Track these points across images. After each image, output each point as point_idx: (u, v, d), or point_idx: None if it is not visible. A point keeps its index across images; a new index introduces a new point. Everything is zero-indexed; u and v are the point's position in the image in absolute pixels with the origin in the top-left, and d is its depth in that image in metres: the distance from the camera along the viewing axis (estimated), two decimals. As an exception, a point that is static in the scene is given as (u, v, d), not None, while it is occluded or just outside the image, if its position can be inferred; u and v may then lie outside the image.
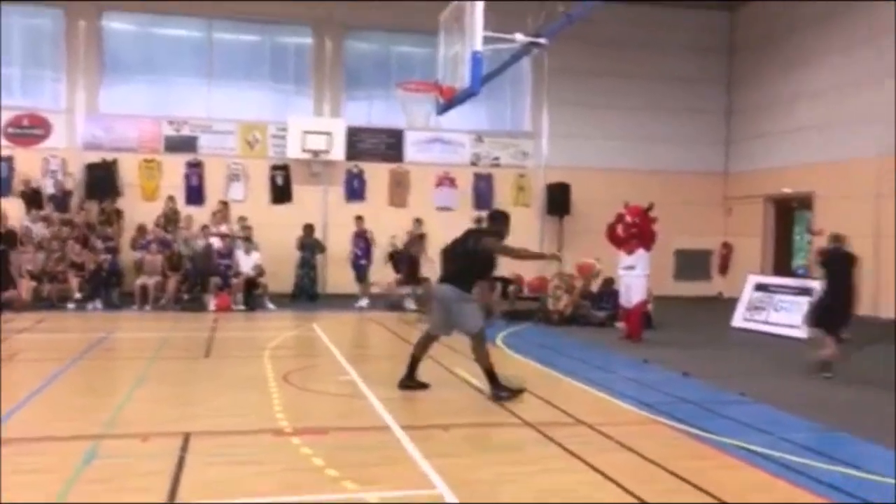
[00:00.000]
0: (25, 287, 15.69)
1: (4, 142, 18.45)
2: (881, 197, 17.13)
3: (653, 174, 21.14)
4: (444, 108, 10.18)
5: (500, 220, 8.95)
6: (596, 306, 15.70)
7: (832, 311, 10.26)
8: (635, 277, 13.27)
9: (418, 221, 18.42)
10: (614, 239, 13.56)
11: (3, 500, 4.94)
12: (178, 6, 19.28)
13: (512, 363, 10.91)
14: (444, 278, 8.89)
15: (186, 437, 6.38)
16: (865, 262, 17.04)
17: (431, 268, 16.38)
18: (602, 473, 5.72)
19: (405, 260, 17.42)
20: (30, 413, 7.33)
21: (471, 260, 8.60)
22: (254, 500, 5.09)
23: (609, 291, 15.57)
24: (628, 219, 13.37)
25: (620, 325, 13.97)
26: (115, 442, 6.33)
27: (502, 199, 20.99)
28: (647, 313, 14.87)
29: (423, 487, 5.37)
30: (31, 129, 18.67)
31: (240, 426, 6.95)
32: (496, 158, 21.26)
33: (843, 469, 5.95)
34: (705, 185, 22.31)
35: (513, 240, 17.99)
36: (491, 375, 8.41)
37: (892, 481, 5.64)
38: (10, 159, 18.37)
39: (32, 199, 17.68)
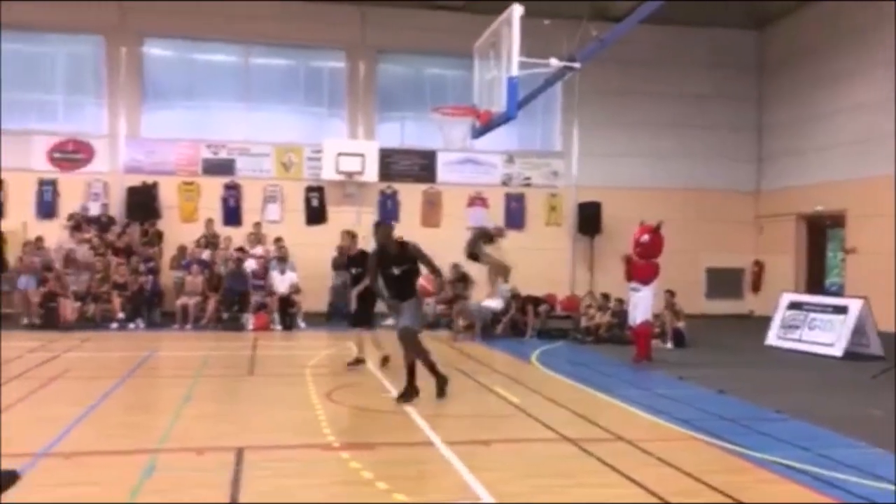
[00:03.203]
0: (70, 307, 16.12)
1: (49, 166, 19.00)
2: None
3: (683, 192, 21.25)
4: (480, 132, 10.41)
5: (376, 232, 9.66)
6: (627, 326, 15.79)
7: None
8: (640, 298, 13.17)
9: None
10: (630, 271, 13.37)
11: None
12: (216, 32, 19.81)
13: (547, 381, 11.09)
14: None
15: (239, 452, 6.63)
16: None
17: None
18: (643, 487, 5.88)
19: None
20: (88, 428, 7.62)
21: None
22: (309, 511, 5.33)
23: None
24: (637, 237, 13.27)
25: (656, 342, 14.00)
26: (171, 456, 6.60)
27: (533, 218, 21.20)
28: (677, 331, 14.98)
29: (469, 499, 5.57)
30: (74, 154, 19.22)
31: (290, 441, 7.20)
32: (527, 178, 21.47)
33: (883, 485, 6.04)
34: (736, 202, 22.33)
35: (544, 259, 18.09)
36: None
37: (931, 496, 5.74)
38: (54, 183, 18.92)
39: (78, 222, 18.15)
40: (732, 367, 12.83)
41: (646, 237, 13.11)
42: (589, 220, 20.97)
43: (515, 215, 21.18)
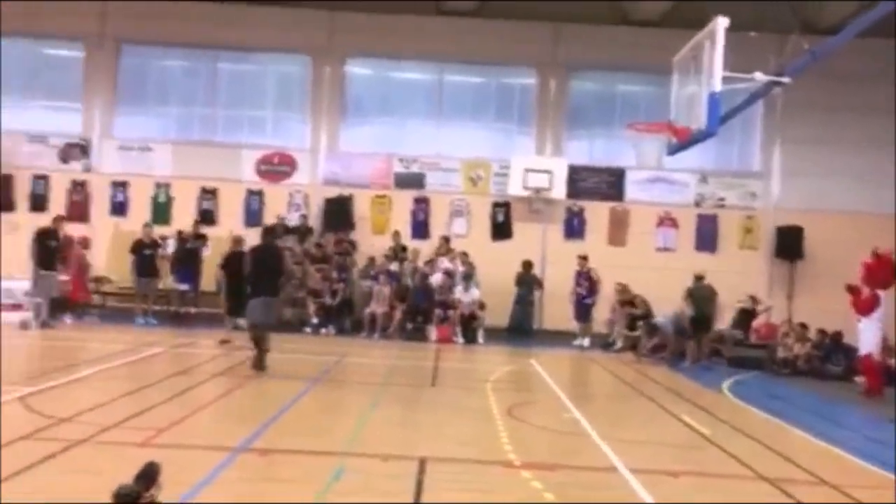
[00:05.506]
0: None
1: (256, 178, 20.33)
2: None
3: (899, 217, 19.43)
4: (676, 149, 10.07)
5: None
6: (829, 359, 14.72)
7: None
8: (861, 330, 12.43)
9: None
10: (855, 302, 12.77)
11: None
12: (412, 51, 20.45)
13: (739, 413, 10.48)
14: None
15: (422, 462, 6.69)
16: None
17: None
18: (853, 538, 5.36)
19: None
20: (283, 426, 8.02)
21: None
22: (491, 529, 5.27)
23: (841, 344, 14.65)
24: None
25: (860, 379, 12.97)
26: (358, 460, 6.77)
27: (727, 240, 20.20)
28: (888, 367, 13.73)
29: (658, 533, 5.31)
30: (279, 167, 20.46)
31: (471, 455, 7.19)
32: (721, 199, 20.50)
33: None
34: (961, 230, 20.18)
35: (739, 284, 17.16)
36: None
37: None
38: (260, 194, 20.22)
39: (281, 231, 19.24)
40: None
41: (866, 265, 12.43)
42: (789, 244, 19.68)
43: (707, 237, 20.27)
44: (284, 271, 12.58)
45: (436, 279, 17.96)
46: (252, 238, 18.96)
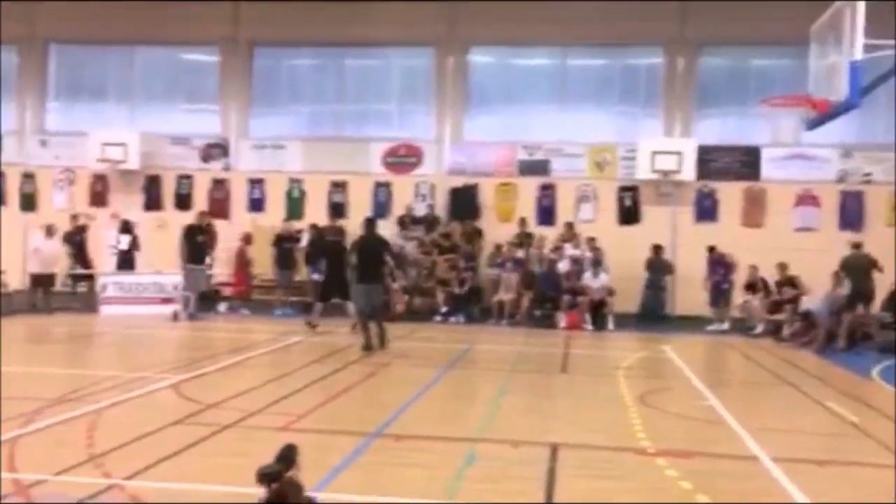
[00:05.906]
0: (400, 300, 17.46)
1: (384, 170, 20.75)
2: None
3: None
4: (815, 123, 9.58)
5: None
6: None
7: None
8: None
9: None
10: None
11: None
12: (535, 37, 20.30)
13: (890, 399, 9.88)
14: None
15: (554, 448, 6.68)
16: None
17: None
18: None
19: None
20: (417, 412, 8.20)
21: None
22: (625, 516, 5.21)
23: None
24: None
25: None
26: (489, 446, 6.83)
27: (875, 218, 19.05)
28: None
29: (805, 525, 5.10)
30: (405, 158, 20.81)
31: (603, 442, 7.12)
32: (868, 174, 19.34)
33: None
34: None
35: (888, 265, 16.15)
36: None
37: None
38: (387, 185, 20.63)
39: (409, 222, 19.62)
40: None
41: None
42: (944, 221, 18.35)
43: (852, 215, 19.17)
44: (388, 261, 12.83)
45: (563, 265, 17.81)
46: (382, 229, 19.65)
